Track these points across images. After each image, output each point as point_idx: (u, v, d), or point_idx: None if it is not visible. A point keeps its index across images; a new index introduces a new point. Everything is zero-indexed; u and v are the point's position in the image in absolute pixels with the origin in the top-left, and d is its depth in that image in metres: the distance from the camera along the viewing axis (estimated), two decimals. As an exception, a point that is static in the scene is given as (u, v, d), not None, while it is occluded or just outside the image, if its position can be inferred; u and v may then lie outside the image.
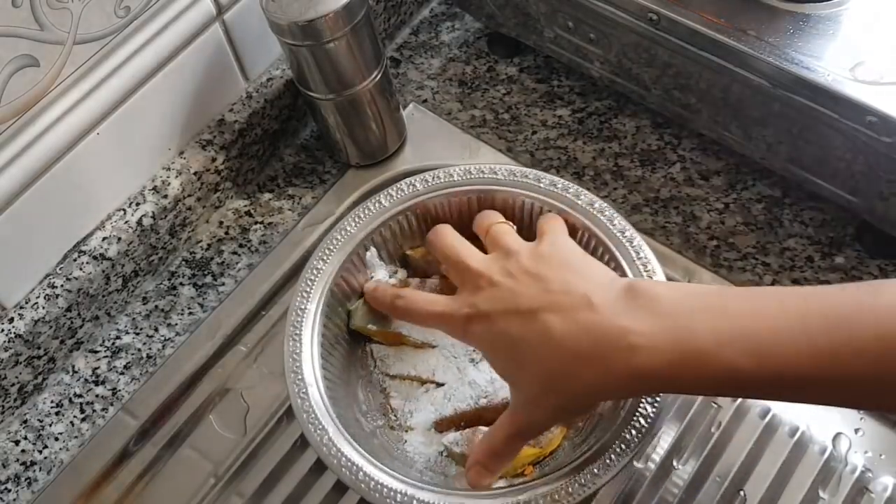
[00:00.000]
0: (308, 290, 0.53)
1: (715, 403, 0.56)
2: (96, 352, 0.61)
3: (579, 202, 0.54)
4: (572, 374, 0.40)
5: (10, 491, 0.56)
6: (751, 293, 0.39)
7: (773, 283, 0.59)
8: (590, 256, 0.47)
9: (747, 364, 0.37)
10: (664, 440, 0.55)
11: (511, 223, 0.52)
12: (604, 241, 0.52)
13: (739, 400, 0.56)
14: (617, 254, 0.52)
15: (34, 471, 0.57)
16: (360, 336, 0.56)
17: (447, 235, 0.51)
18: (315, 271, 0.53)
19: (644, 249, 0.52)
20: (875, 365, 0.35)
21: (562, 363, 0.40)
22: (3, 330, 0.56)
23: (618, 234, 0.52)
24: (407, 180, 0.56)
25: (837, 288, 0.38)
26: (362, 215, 0.55)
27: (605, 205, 0.53)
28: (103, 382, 0.60)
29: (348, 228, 0.55)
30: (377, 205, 0.55)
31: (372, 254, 0.55)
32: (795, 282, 0.59)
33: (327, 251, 0.54)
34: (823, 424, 0.55)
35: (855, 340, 0.35)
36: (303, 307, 0.52)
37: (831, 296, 0.37)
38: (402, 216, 0.56)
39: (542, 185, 0.55)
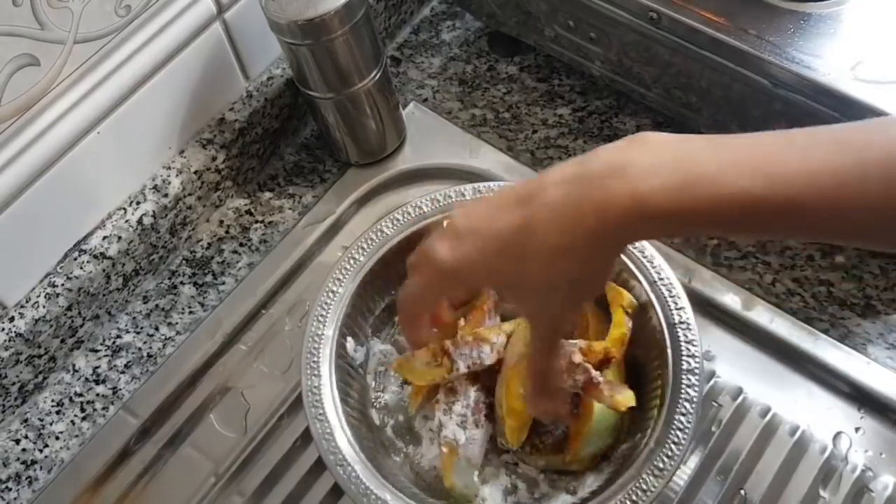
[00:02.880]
0: (315, 362, 0.51)
1: (715, 402, 0.56)
2: (97, 351, 0.61)
3: None
4: (573, 229, 0.37)
5: (10, 490, 0.56)
6: (750, 134, 0.37)
7: (773, 283, 0.59)
8: None
9: (755, 187, 0.35)
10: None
11: None
12: None
13: (740, 399, 0.56)
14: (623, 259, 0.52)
15: (35, 470, 0.57)
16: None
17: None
18: (315, 341, 0.52)
19: (647, 248, 0.52)
20: (883, 191, 0.35)
21: (559, 226, 0.37)
22: (3, 329, 0.56)
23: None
24: (375, 226, 0.55)
25: (843, 125, 0.37)
26: (341, 274, 0.54)
27: None
28: (104, 381, 0.60)
29: (335, 290, 0.53)
30: (351, 261, 0.54)
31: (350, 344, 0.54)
32: (796, 281, 0.59)
33: (321, 316, 0.53)
34: (824, 423, 0.55)
35: (863, 165, 0.35)
36: (316, 385, 0.50)
37: (838, 129, 0.37)
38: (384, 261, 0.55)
39: None
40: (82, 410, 0.59)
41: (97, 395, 0.60)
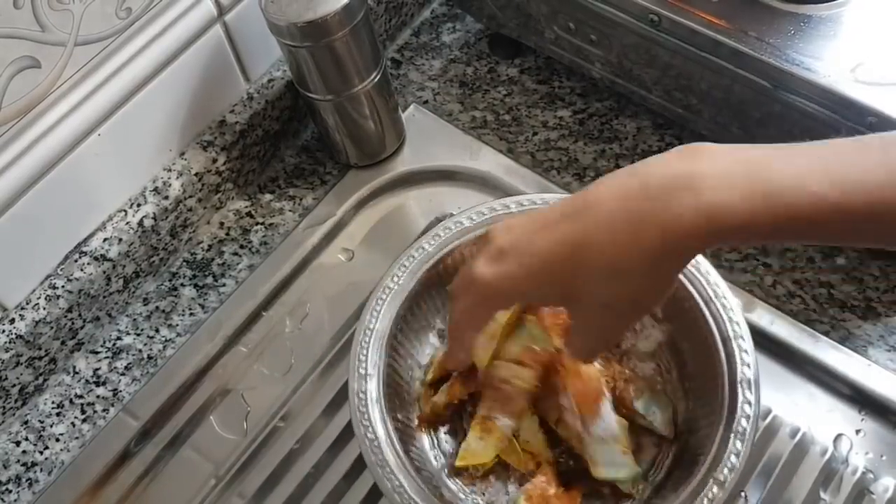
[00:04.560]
0: (363, 363, 0.50)
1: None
2: (97, 353, 0.61)
3: None
4: (635, 246, 0.35)
5: (10, 492, 0.56)
6: (819, 141, 0.36)
7: (773, 285, 0.59)
8: None
9: (833, 194, 0.33)
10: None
11: None
12: None
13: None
14: (691, 289, 0.50)
15: (35, 472, 0.57)
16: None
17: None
18: (366, 333, 0.51)
19: (713, 274, 0.50)
20: None
21: (619, 242, 0.35)
22: (4, 331, 0.56)
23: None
24: (449, 221, 0.53)
25: None
26: (407, 264, 0.52)
27: None
28: (104, 383, 0.60)
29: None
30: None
31: None
32: (796, 283, 0.59)
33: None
34: (824, 425, 0.54)
35: None
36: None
37: None
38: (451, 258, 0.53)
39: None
40: (83, 412, 0.59)
41: (97, 396, 0.60)
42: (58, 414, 0.59)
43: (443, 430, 0.53)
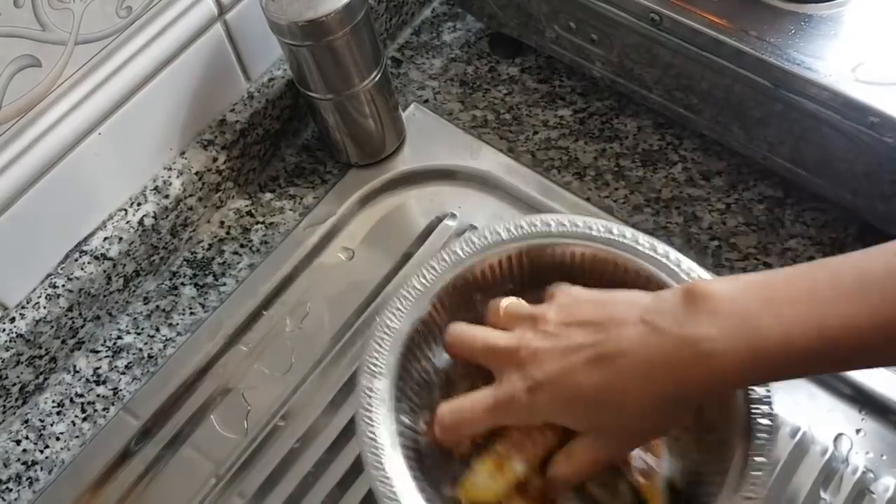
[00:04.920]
0: (369, 407, 0.47)
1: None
2: (97, 352, 0.61)
3: (639, 247, 0.49)
4: (654, 395, 0.41)
5: (11, 490, 0.56)
6: (802, 273, 0.40)
7: (774, 284, 0.59)
8: (612, 291, 0.45)
9: (819, 348, 0.38)
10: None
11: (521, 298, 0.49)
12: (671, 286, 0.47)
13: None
14: None
15: (35, 470, 0.57)
16: None
17: (462, 331, 0.47)
18: (370, 374, 0.48)
19: None
20: None
21: (641, 392, 0.41)
22: (4, 330, 0.56)
23: (686, 279, 0.48)
24: (449, 248, 0.51)
25: (885, 251, 0.38)
26: (403, 304, 0.50)
27: (668, 248, 0.49)
28: (104, 382, 0.60)
29: (391, 324, 0.49)
30: (413, 290, 0.50)
31: None
32: (797, 282, 0.59)
33: (375, 355, 0.49)
34: (824, 425, 0.54)
35: None
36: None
37: (883, 256, 0.38)
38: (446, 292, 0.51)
39: (595, 232, 0.50)
40: (83, 411, 0.59)
41: (98, 395, 0.60)
42: (58, 413, 0.59)
43: None
